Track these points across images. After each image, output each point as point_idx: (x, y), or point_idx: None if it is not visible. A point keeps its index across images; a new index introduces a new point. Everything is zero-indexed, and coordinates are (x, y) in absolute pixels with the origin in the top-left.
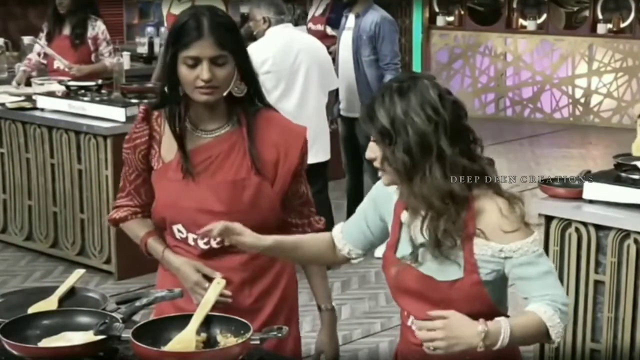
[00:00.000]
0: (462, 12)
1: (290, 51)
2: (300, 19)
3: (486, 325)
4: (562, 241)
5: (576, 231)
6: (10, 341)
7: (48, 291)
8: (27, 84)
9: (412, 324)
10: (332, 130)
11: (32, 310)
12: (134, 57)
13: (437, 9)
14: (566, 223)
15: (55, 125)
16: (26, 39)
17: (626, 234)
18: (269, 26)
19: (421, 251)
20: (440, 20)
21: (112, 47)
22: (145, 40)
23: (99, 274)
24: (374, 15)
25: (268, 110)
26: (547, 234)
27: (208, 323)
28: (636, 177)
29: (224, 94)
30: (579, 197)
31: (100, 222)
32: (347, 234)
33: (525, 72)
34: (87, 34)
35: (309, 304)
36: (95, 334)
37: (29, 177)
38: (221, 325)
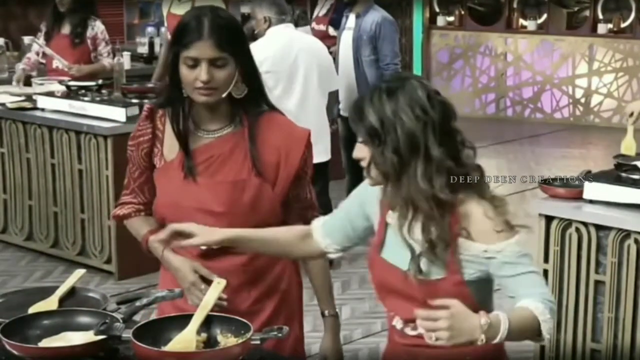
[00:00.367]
0: (463, 12)
1: (290, 51)
2: (299, 19)
3: (488, 317)
4: (563, 241)
5: (576, 231)
6: (10, 341)
7: (48, 291)
8: (27, 84)
9: (397, 323)
10: (332, 130)
11: (32, 310)
12: (135, 57)
13: (437, 9)
14: (566, 223)
15: (56, 125)
16: (26, 39)
17: (626, 234)
18: (269, 26)
19: (422, 260)
20: (441, 20)
21: (110, 47)
22: (145, 40)
23: (100, 274)
24: (374, 15)
25: (272, 113)
26: (548, 234)
27: (208, 323)
28: (636, 177)
29: (222, 95)
30: (579, 197)
31: (100, 222)
32: (328, 229)
33: (526, 72)
34: (86, 33)
35: (309, 304)
36: (96, 334)
37: (30, 177)
38: (221, 325)
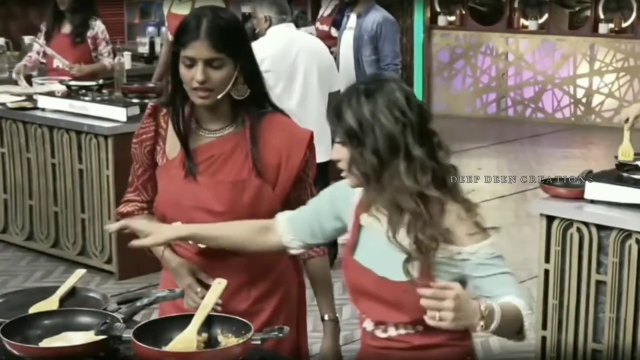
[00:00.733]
0: (464, 12)
1: (290, 51)
2: (298, 19)
3: (487, 305)
4: (564, 241)
5: (578, 231)
6: (11, 341)
7: (49, 291)
8: (27, 83)
9: (367, 325)
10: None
11: (32, 310)
12: (135, 57)
13: (438, 9)
14: (568, 223)
15: (56, 125)
16: (27, 39)
17: (628, 234)
18: (270, 25)
19: (413, 263)
20: (442, 20)
21: (111, 47)
22: (146, 40)
23: (100, 274)
24: (375, 15)
25: (274, 113)
26: (549, 234)
27: (209, 323)
28: (638, 177)
29: (218, 97)
30: (580, 197)
31: (101, 222)
32: (293, 225)
33: (527, 72)
34: (87, 33)
35: (310, 304)
36: (96, 334)
37: (30, 177)
38: (222, 326)
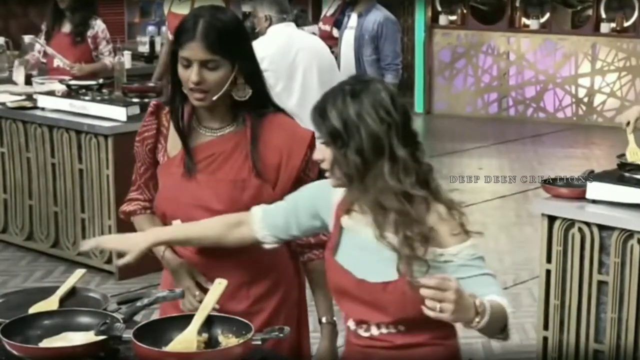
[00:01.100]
0: (465, 11)
1: (289, 50)
2: (297, 18)
3: (480, 301)
4: (565, 241)
5: (579, 231)
6: (10, 341)
7: (49, 291)
8: (27, 83)
9: (350, 324)
10: None
11: (32, 310)
12: (135, 56)
13: (439, 8)
14: (569, 223)
15: (56, 124)
16: (27, 38)
17: (630, 234)
18: (270, 24)
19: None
20: (443, 19)
21: (112, 46)
22: (146, 39)
23: (100, 274)
24: (376, 15)
25: (276, 114)
26: (550, 234)
27: (209, 323)
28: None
29: (214, 98)
30: (582, 197)
31: (101, 222)
32: (268, 220)
33: (528, 72)
34: (87, 32)
35: (309, 304)
36: (96, 334)
37: (30, 176)
38: (222, 326)
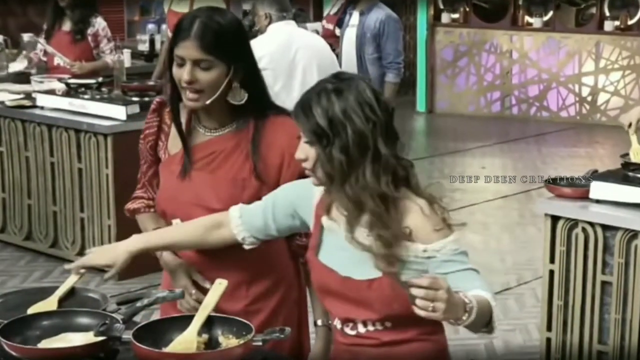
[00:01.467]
0: (467, 9)
1: (289, 49)
2: (296, 16)
3: (468, 297)
4: (569, 241)
5: (583, 231)
6: (9, 342)
7: (48, 291)
8: (26, 81)
9: (337, 323)
10: None
11: (31, 310)
12: (135, 55)
13: (441, 6)
14: (573, 223)
15: (55, 123)
16: (26, 36)
17: (634, 234)
18: (270, 22)
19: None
20: (445, 17)
21: (113, 44)
22: (146, 37)
23: (100, 274)
24: (378, 13)
25: (278, 115)
26: (554, 234)
27: (209, 324)
28: None
29: (208, 100)
30: (585, 197)
31: (100, 221)
32: (246, 220)
33: (531, 70)
34: (87, 30)
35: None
36: (96, 335)
37: (29, 176)
38: (223, 326)
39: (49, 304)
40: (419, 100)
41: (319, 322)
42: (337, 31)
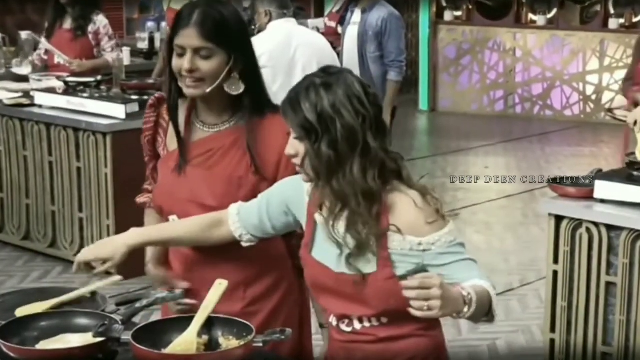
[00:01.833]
0: (470, 7)
1: (289, 46)
2: (295, 15)
3: (467, 289)
4: (573, 241)
5: (587, 231)
6: (7, 343)
7: (46, 292)
8: (25, 80)
9: (332, 320)
10: None
11: (19, 312)
12: (134, 53)
13: (444, 4)
14: (577, 223)
15: (54, 122)
16: (24, 34)
17: (638, 234)
18: (270, 20)
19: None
20: (448, 15)
21: (114, 42)
22: (145, 35)
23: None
24: (380, 11)
25: (277, 113)
26: (558, 234)
27: (209, 325)
28: None
29: (208, 89)
30: (590, 197)
31: (99, 221)
32: (244, 218)
33: (535, 68)
34: (88, 27)
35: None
36: (95, 336)
37: (27, 175)
38: (223, 328)
39: (42, 304)
40: (421, 98)
41: (326, 324)
42: (340, 29)
